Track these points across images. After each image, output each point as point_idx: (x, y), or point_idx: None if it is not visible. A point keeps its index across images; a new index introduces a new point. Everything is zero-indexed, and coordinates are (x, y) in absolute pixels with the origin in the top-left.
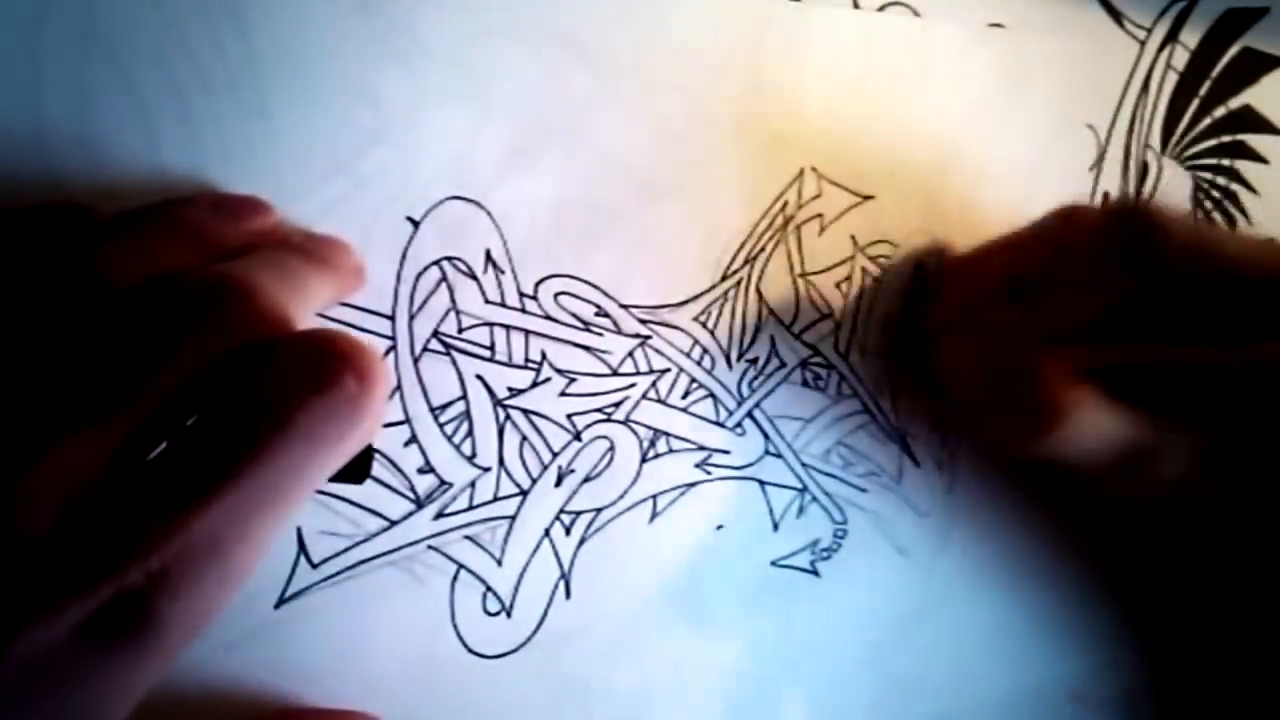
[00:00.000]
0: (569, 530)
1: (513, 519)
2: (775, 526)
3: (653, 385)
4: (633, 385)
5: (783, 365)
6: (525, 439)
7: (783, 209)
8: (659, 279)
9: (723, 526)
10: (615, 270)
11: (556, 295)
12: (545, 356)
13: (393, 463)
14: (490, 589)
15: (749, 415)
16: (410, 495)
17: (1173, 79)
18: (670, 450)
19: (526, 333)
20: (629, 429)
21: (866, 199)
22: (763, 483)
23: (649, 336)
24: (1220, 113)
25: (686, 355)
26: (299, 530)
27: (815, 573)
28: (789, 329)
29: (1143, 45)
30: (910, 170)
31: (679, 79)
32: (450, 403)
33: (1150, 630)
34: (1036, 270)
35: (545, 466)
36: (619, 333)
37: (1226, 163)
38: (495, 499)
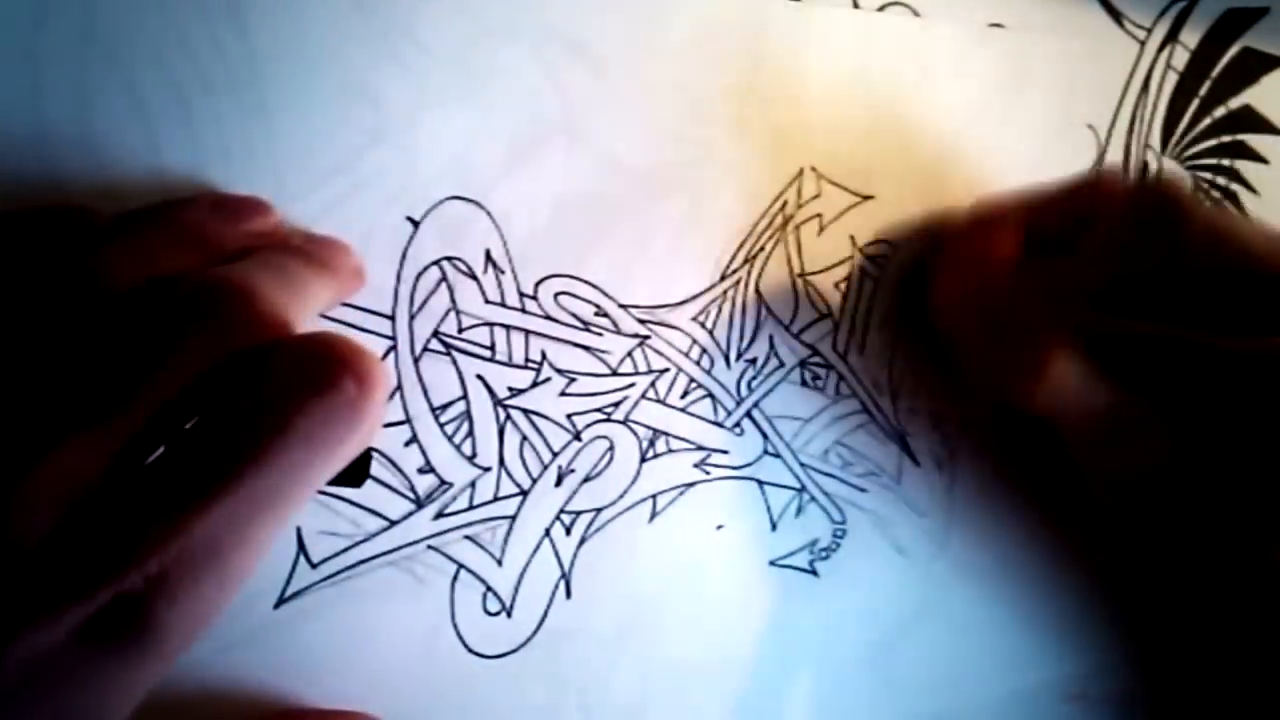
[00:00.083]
0: (569, 530)
1: (513, 519)
2: (774, 526)
3: (652, 385)
4: (632, 385)
5: (781, 365)
6: (525, 439)
7: (782, 209)
8: (658, 279)
9: (722, 526)
10: (614, 270)
11: (556, 295)
12: (545, 356)
13: (393, 463)
14: (490, 589)
15: (748, 415)
16: (410, 495)
17: (1173, 79)
18: (669, 450)
19: (526, 333)
20: (628, 429)
21: (866, 199)
22: (761, 482)
23: (648, 336)
24: (1220, 113)
25: (685, 355)
26: (299, 530)
27: (814, 572)
28: (788, 329)
29: (1143, 45)
30: (910, 170)
31: (679, 79)
32: (450, 403)
33: (1149, 630)
34: (1053, 227)
35: (545, 466)
36: (618, 333)
37: (1226, 163)
38: (495, 499)
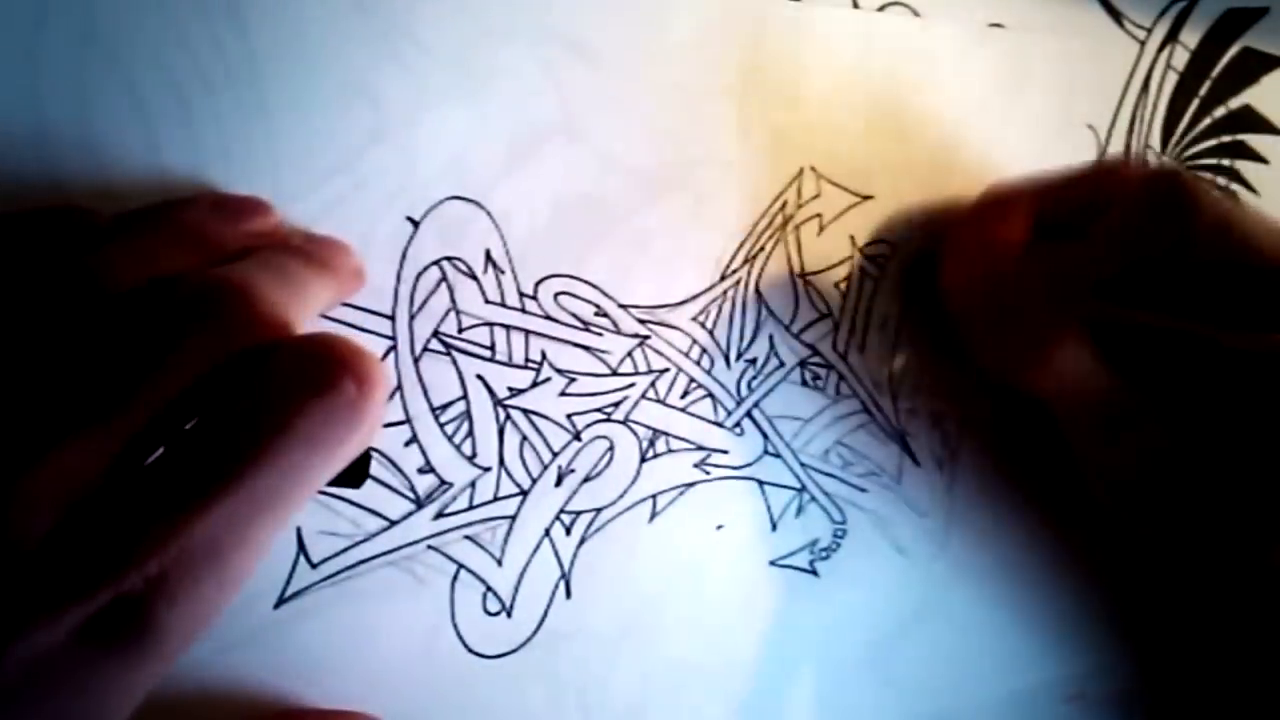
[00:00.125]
0: (569, 530)
1: (513, 519)
2: (774, 526)
3: (652, 385)
4: (632, 385)
5: (781, 365)
6: (525, 439)
7: (782, 209)
8: (658, 279)
9: (722, 526)
10: (614, 270)
11: (556, 295)
12: (545, 356)
13: (393, 463)
14: (490, 589)
15: (748, 415)
16: (410, 495)
17: (1173, 79)
18: (669, 450)
19: (526, 333)
20: (628, 429)
21: (866, 199)
22: (762, 482)
23: (648, 336)
24: (1220, 113)
25: (685, 355)
26: (299, 530)
27: (814, 572)
28: (788, 329)
29: (1143, 45)
30: (910, 170)
31: (679, 79)
32: (450, 403)
33: (1148, 631)
34: (1063, 213)
35: (545, 466)
36: (618, 333)
37: (1226, 163)
38: (495, 499)
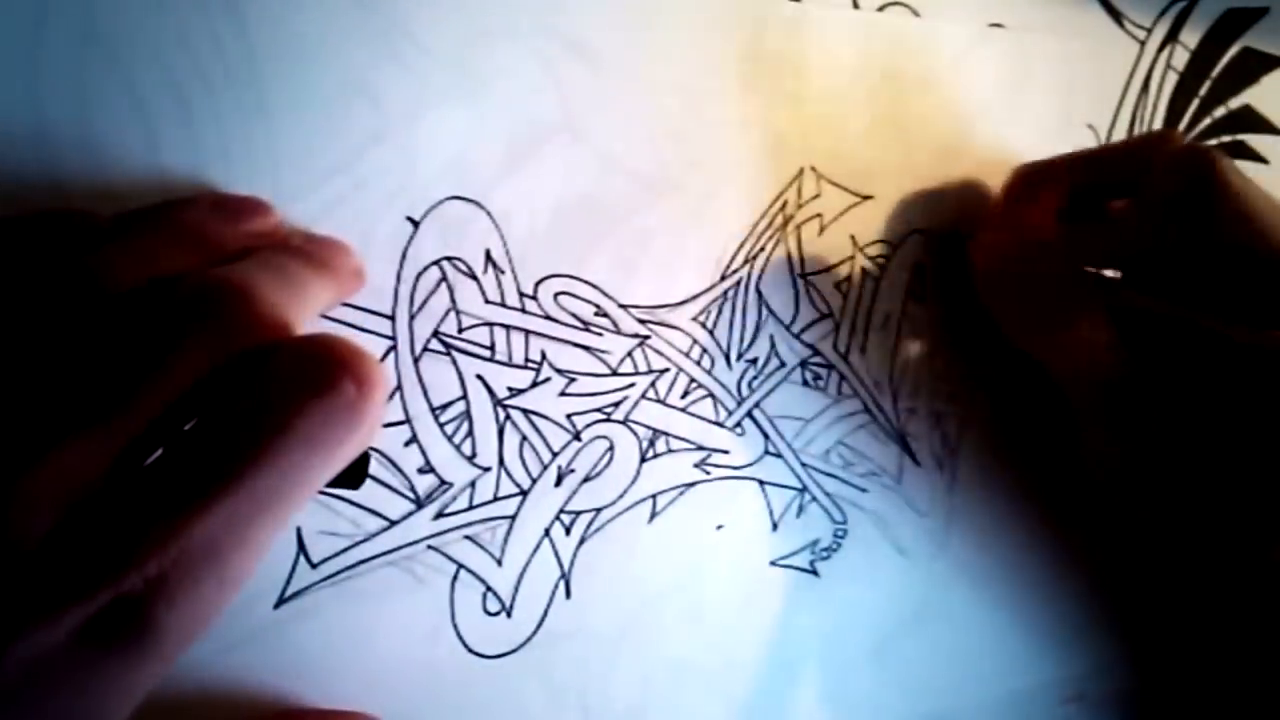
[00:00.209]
0: (569, 530)
1: (513, 519)
2: (775, 526)
3: (652, 385)
4: (632, 385)
5: (782, 365)
6: (525, 439)
7: (782, 209)
8: (658, 279)
9: (722, 526)
10: (614, 270)
11: (556, 295)
12: (545, 356)
13: (393, 463)
14: (490, 589)
15: (748, 415)
16: (410, 495)
17: (1173, 79)
18: (670, 450)
19: (526, 333)
20: (628, 429)
21: (866, 199)
22: (762, 482)
23: (648, 336)
24: (1220, 113)
25: (686, 355)
26: (299, 530)
27: (815, 572)
28: (789, 329)
29: (1143, 45)
30: (910, 170)
31: (679, 79)
32: (450, 402)
33: (1148, 631)
34: (1095, 191)
35: (545, 466)
36: (618, 333)
37: None
38: (495, 499)
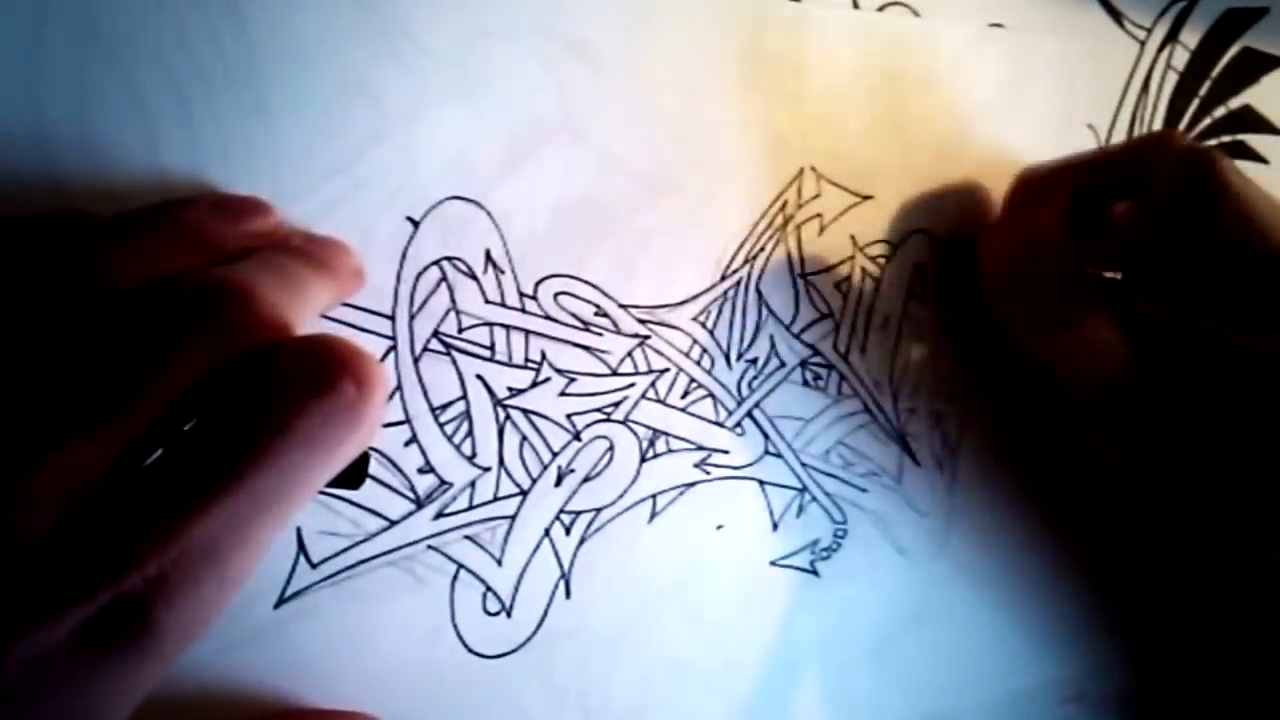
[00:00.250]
0: (569, 530)
1: (513, 519)
2: (775, 526)
3: (652, 385)
4: (632, 385)
5: (782, 365)
6: (525, 439)
7: (782, 209)
8: (658, 279)
9: (722, 526)
10: (614, 270)
11: (556, 295)
12: (545, 356)
13: (393, 463)
14: (490, 589)
15: (748, 415)
16: (410, 495)
17: (1173, 79)
18: (670, 450)
19: (526, 333)
20: (628, 429)
21: (866, 199)
22: (762, 482)
23: (648, 336)
24: (1220, 113)
25: (686, 355)
26: (299, 530)
27: (815, 573)
28: (789, 329)
29: (1143, 45)
30: (910, 170)
31: (679, 79)
32: (450, 402)
33: (1148, 631)
34: (1100, 193)
35: (545, 466)
36: (618, 333)
37: None
38: (495, 499)
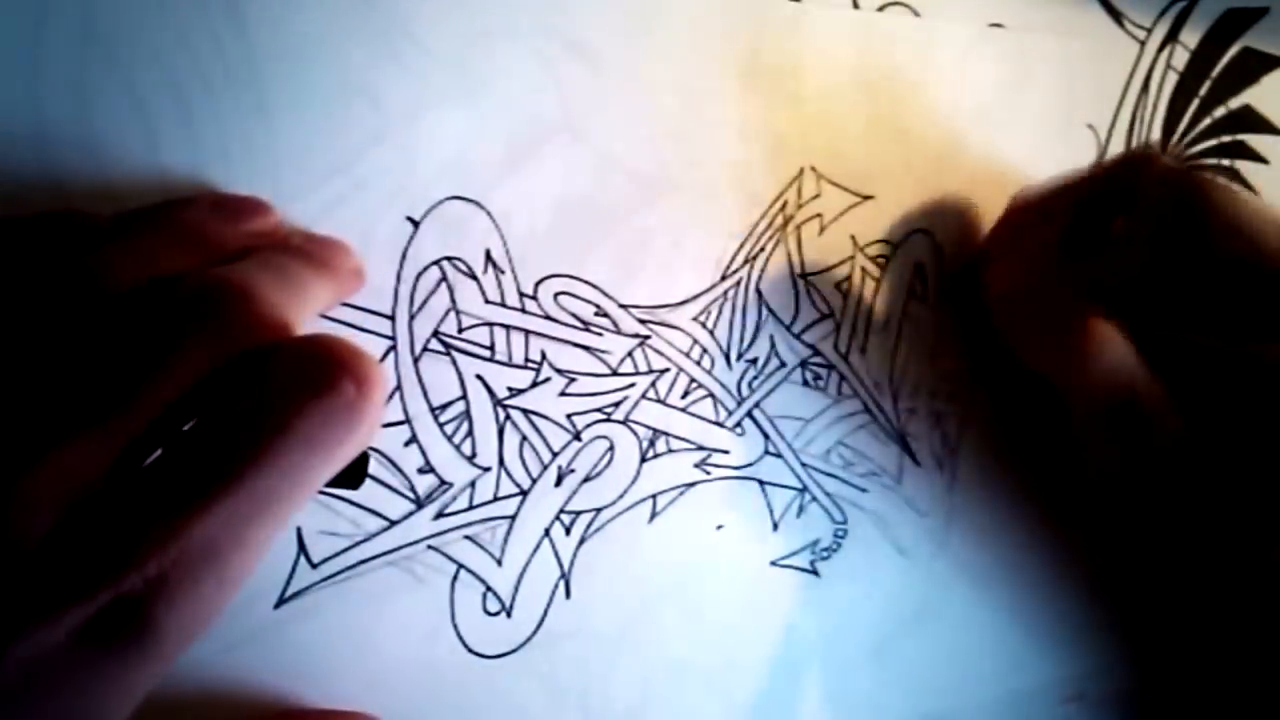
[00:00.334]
0: (569, 530)
1: (513, 519)
2: (775, 526)
3: (652, 385)
4: (632, 385)
5: (783, 365)
6: (525, 439)
7: (782, 209)
8: (658, 279)
9: (722, 526)
10: (615, 270)
11: (556, 295)
12: (545, 356)
13: (393, 463)
14: (490, 589)
15: (749, 415)
16: (410, 495)
17: (1173, 79)
18: (670, 450)
19: (526, 333)
20: (628, 429)
21: (866, 199)
22: (762, 482)
23: (648, 336)
24: (1220, 113)
25: (686, 355)
26: (299, 530)
27: (815, 573)
28: (789, 329)
29: (1143, 45)
30: (910, 170)
31: (679, 79)
32: (450, 402)
33: (1149, 630)
34: (1097, 213)
35: (545, 466)
36: (618, 333)
37: (1226, 163)
38: (495, 499)
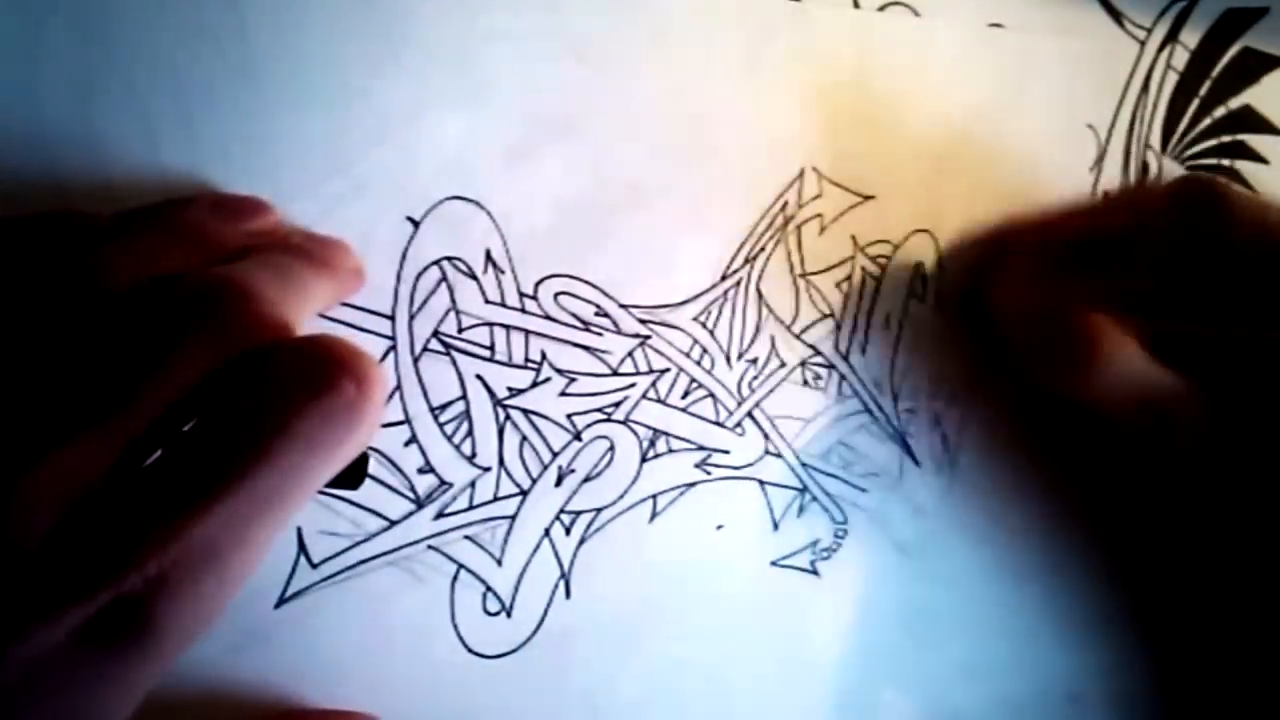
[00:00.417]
0: (569, 530)
1: (513, 519)
2: (775, 526)
3: (652, 385)
4: (632, 385)
5: (783, 365)
6: (525, 439)
7: (783, 209)
8: (659, 279)
9: (723, 526)
10: (615, 270)
11: (556, 295)
12: (545, 356)
13: (393, 463)
14: (490, 589)
15: (749, 415)
16: (410, 495)
17: (1173, 79)
18: (670, 450)
19: (526, 333)
20: (629, 429)
21: (866, 199)
22: (763, 482)
23: (649, 336)
24: (1220, 113)
25: (686, 355)
26: (299, 530)
27: (815, 572)
28: (789, 329)
29: (1143, 45)
30: (910, 170)
31: (679, 79)
32: (450, 402)
33: (1150, 630)
34: (1107, 235)
35: (545, 466)
36: (619, 333)
37: (1226, 163)
38: (495, 499)
